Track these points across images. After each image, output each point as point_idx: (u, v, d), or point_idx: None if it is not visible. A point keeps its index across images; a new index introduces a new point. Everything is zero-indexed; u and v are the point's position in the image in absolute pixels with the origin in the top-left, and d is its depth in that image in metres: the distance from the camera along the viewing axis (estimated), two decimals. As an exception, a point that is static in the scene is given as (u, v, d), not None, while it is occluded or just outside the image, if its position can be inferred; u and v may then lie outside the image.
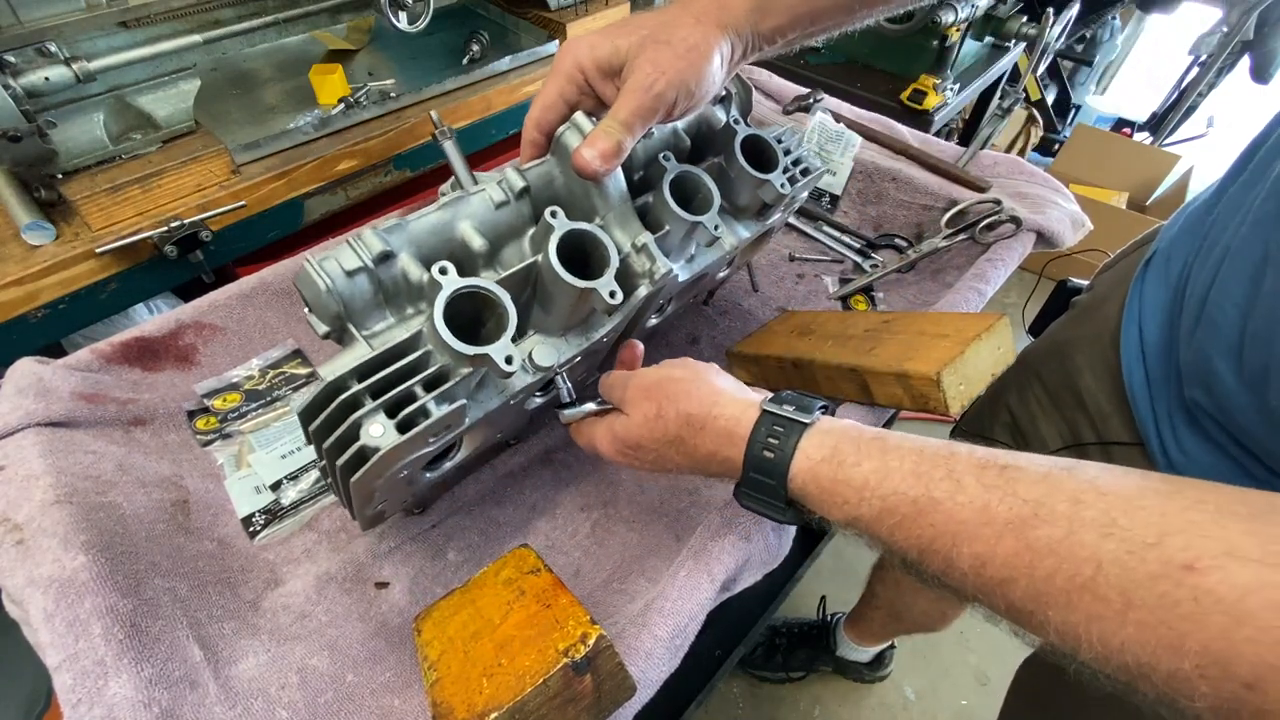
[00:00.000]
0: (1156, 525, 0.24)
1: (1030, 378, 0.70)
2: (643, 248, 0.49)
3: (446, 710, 0.38)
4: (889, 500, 0.32)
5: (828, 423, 0.37)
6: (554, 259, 0.42)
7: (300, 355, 0.70)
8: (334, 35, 1.19)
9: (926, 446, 0.33)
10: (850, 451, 0.34)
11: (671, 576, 0.45)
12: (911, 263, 0.79)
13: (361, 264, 0.39)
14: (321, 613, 0.51)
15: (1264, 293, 0.43)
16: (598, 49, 0.44)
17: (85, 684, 0.38)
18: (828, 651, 1.31)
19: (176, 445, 0.61)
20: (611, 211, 0.48)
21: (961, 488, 0.30)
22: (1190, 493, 0.25)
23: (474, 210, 0.45)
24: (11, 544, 0.44)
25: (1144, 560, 0.24)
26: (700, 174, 0.52)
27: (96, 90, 0.87)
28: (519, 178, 0.47)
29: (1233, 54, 2.21)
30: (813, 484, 0.35)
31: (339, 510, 0.58)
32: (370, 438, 0.37)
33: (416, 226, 0.43)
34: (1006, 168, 0.87)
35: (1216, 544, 0.23)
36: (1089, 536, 0.25)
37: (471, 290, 0.40)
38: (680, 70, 0.43)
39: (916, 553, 0.31)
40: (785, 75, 1.07)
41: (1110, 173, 2.29)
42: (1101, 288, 0.67)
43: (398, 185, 1.06)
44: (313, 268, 0.38)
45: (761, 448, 0.37)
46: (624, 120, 0.43)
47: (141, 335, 0.63)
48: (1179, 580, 0.23)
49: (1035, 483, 0.28)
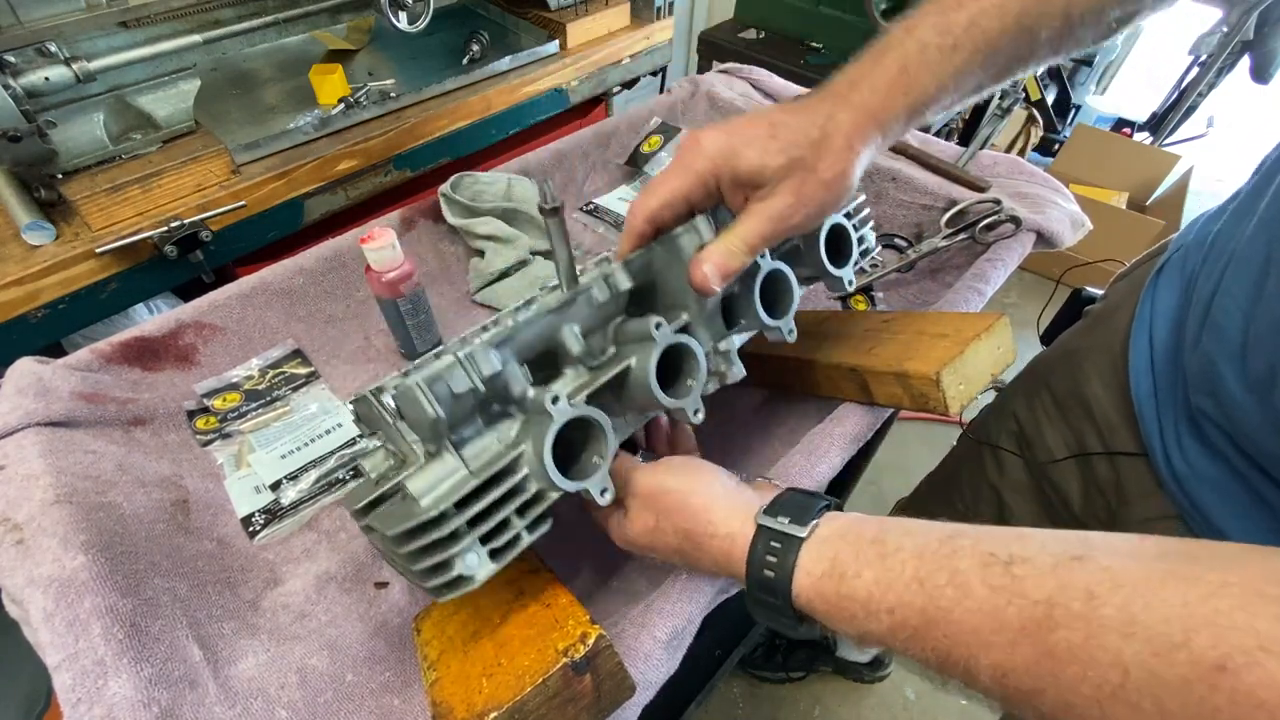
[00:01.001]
0: (1181, 621, 0.22)
1: (1039, 386, 0.70)
2: (725, 353, 0.47)
3: (446, 710, 0.38)
4: (896, 614, 0.30)
5: (825, 528, 0.35)
6: (652, 377, 0.41)
7: (300, 355, 0.70)
8: (334, 35, 1.19)
9: (927, 546, 0.31)
10: (850, 560, 0.33)
11: (673, 578, 0.45)
12: (911, 262, 0.79)
13: (472, 386, 0.36)
14: (321, 612, 0.51)
15: (1267, 295, 0.42)
16: (741, 162, 0.39)
17: (85, 683, 0.38)
18: (827, 652, 1.31)
19: (176, 445, 0.61)
20: (702, 312, 0.46)
21: (968, 593, 0.28)
22: (1214, 575, 0.23)
23: (578, 312, 0.43)
24: (11, 543, 0.44)
25: (1172, 663, 0.22)
26: (789, 276, 0.48)
27: (96, 90, 0.87)
28: (625, 279, 0.43)
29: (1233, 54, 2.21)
30: (819, 601, 0.34)
31: (339, 510, 0.58)
32: (466, 568, 0.36)
33: (524, 336, 0.40)
34: (1006, 167, 0.87)
35: (1247, 637, 0.21)
36: (1110, 640, 0.23)
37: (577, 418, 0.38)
38: (821, 201, 0.40)
39: (937, 663, 0.29)
40: (785, 75, 1.07)
41: (1110, 173, 2.29)
42: (1114, 296, 0.67)
43: (398, 185, 1.06)
44: (422, 392, 0.35)
45: (761, 568, 0.35)
46: (750, 243, 0.40)
47: (141, 335, 0.63)
48: (1213, 684, 0.21)
49: (1044, 579, 0.26)
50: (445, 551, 0.35)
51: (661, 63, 1.42)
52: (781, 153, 0.38)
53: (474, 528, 0.36)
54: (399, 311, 0.67)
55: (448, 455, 0.38)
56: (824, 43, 1.52)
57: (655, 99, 1.03)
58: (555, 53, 1.21)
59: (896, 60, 0.39)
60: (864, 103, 0.39)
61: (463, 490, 0.36)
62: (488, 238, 0.79)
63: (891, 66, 0.39)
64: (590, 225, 0.91)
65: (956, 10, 0.40)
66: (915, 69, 0.39)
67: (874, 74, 0.39)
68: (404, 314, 0.67)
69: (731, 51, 1.57)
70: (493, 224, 0.79)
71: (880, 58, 0.40)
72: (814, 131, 0.38)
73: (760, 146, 0.39)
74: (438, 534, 0.35)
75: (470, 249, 0.82)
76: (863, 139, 0.39)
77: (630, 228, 0.43)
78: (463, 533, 0.36)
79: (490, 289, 0.78)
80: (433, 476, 0.37)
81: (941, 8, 0.40)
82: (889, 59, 0.39)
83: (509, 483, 0.37)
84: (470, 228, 0.79)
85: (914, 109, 0.40)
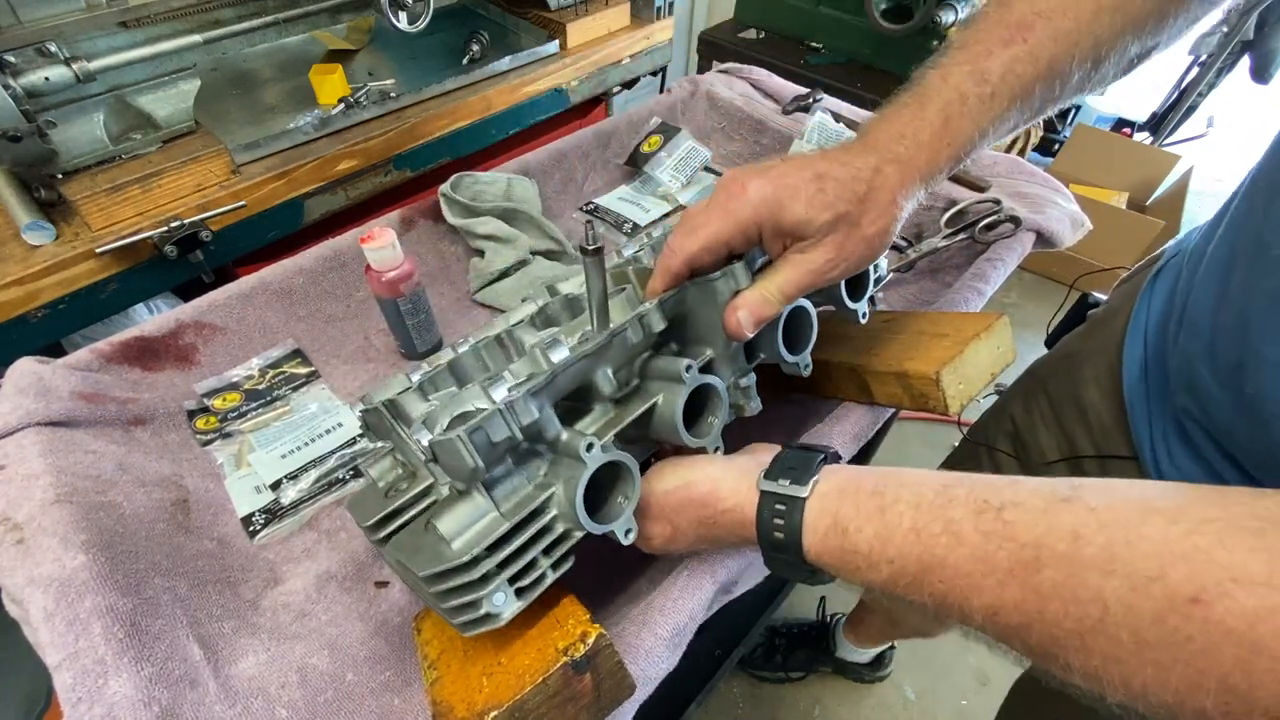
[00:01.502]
0: (1158, 556, 0.23)
1: (1037, 389, 0.70)
2: (745, 388, 0.48)
3: (446, 709, 0.38)
4: (896, 563, 0.31)
5: (825, 484, 0.36)
6: (679, 418, 0.41)
7: (300, 355, 0.70)
8: (334, 35, 1.19)
9: (923, 497, 0.32)
10: (851, 515, 0.34)
11: (674, 577, 0.45)
12: (911, 262, 0.79)
13: (510, 434, 0.36)
14: (321, 612, 0.51)
15: (1232, 288, 0.43)
16: (786, 215, 0.39)
17: (85, 683, 0.38)
18: (827, 652, 1.31)
19: (176, 445, 0.61)
20: (727, 349, 0.46)
21: (961, 540, 0.29)
22: (1197, 510, 0.24)
23: (612, 354, 0.43)
24: (12, 543, 0.44)
25: (1149, 596, 0.23)
26: (812, 314, 0.49)
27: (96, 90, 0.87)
28: (660, 320, 0.43)
29: (1233, 54, 2.21)
30: (826, 555, 0.35)
31: (339, 509, 0.58)
32: (493, 607, 0.37)
33: (560, 381, 0.40)
34: (1006, 167, 0.87)
35: (1221, 570, 0.22)
36: (1091, 576, 0.24)
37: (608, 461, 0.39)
38: (861, 255, 0.39)
39: (934, 607, 0.31)
40: (785, 75, 1.07)
41: (1110, 173, 2.29)
42: (1115, 300, 0.67)
43: (398, 185, 1.06)
44: (463, 444, 0.35)
45: (770, 530, 0.37)
46: (787, 293, 0.40)
47: (141, 335, 0.63)
48: (1186, 614, 0.22)
49: (1034, 523, 0.27)
50: (475, 593, 0.36)
51: (661, 63, 1.42)
52: (828, 208, 0.38)
53: (503, 569, 0.37)
54: (399, 311, 0.67)
55: (478, 495, 0.38)
56: (824, 43, 1.52)
57: (655, 99, 1.03)
58: (555, 53, 1.21)
59: (939, 111, 0.39)
60: (911, 158, 0.39)
61: (495, 534, 0.37)
62: (488, 237, 0.79)
63: (935, 119, 0.39)
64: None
65: (988, 58, 0.39)
66: (957, 119, 0.39)
67: (918, 126, 0.39)
68: (404, 314, 0.67)
69: (731, 51, 1.57)
70: (493, 224, 0.79)
71: (922, 109, 0.40)
72: (860, 187, 0.38)
73: (806, 200, 0.38)
74: (469, 577, 0.36)
75: (470, 249, 0.82)
76: (907, 194, 0.39)
77: (667, 267, 0.42)
78: (493, 575, 0.37)
79: (490, 289, 0.78)
80: (464, 517, 0.38)
81: (972, 55, 0.40)
82: (931, 110, 0.39)
83: (538, 524, 0.38)
84: (470, 227, 0.79)
85: (956, 159, 0.40)
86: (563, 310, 0.53)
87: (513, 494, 0.40)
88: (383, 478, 0.44)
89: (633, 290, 0.49)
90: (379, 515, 0.41)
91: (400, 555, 0.38)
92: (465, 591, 0.36)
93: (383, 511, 0.41)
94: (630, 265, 0.52)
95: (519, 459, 0.40)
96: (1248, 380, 0.41)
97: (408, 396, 0.44)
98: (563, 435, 0.40)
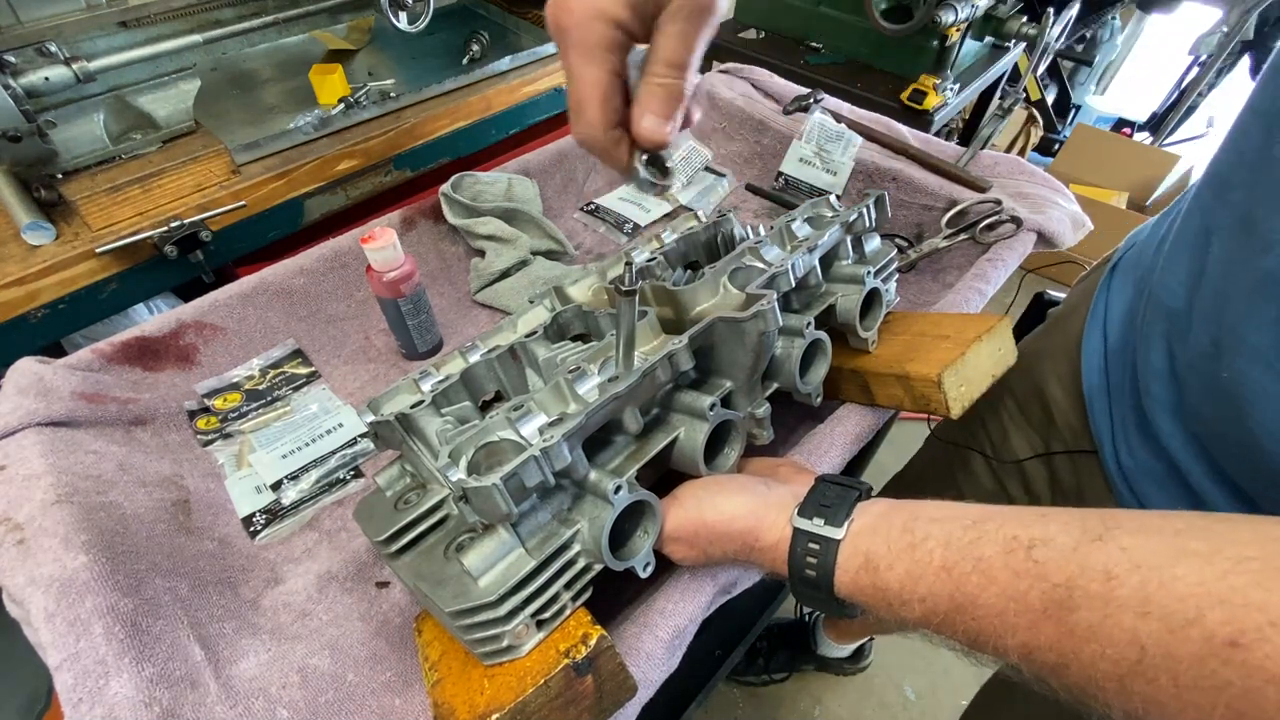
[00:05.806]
0: (1194, 599, 0.23)
1: (1002, 389, 0.70)
2: (761, 419, 0.49)
3: (448, 711, 0.38)
4: (927, 602, 0.31)
5: (859, 522, 0.36)
6: (700, 454, 0.43)
7: (301, 355, 0.70)
8: (334, 35, 1.19)
9: (953, 534, 0.32)
10: (883, 553, 0.34)
11: (675, 578, 0.45)
12: (912, 263, 0.79)
13: (543, 478, 0.37)
14: (322, 612, 0.51)
15: (1210, 264, 0.42)
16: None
17: (86, 683, 0.38)
18: (808, 650, 1.32)
19: (177, 445, 0.61)
20: (746, 381, 0.47)
21: (992, 579, 0.29)
22: (1233, 550, 0.23)
23: (640, 394, 0.43)
24: (12, 543, 0.44)
25: (1187, 639, 0.23)
26: (827, 344, 0.50)
27: (96, 90, 0.87)
28: (688, 359, 0.44)
29: (1233, 54, 2.21)
30: (858, 594, 0.35)
31: (339, 510, 0.58)
32: (515, 639, 0.38)
33: (591, 422, 0.40)
34: (1007, 168, 0.87)
35: (1259, 613, 0.21)
36: (1127, 619, 0.24)
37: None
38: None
39: (968, 643, 0.31)
40: (785, 75, 1.07)
41: (1110, 173, 2.29)
42: (1073, 298, 0.67)
43: (398, 185, 1.06)
44: (499, 491, 0.35)
45: (802, 566, 0.37)
46: (670, 60, 0.33)
47: (142, 335, 0.63)
48: (1226, 658, 0.22)
49: (1065, 561, 0.27)
50: (500, 628, 0.37)
51: (662, 62, 1.41)
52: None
53: (526, 604, 0.38)
54: (400, 311, 0.67)
55: (504, 531, 0.39)
56: (824, 43, 1.52)
57: (656, 99, 1.03)
58: (555, 52, 1.21)
59: None
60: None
61: (521, 572, 0.37)
62: (488, 238, 0.79)
63: None
64: (591, 225, 0.91)
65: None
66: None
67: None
68: (405, 314, 0.67)
69: (731, 51, 1.57)
70: (493, 224, 0.79)
71: None
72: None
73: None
74: (495, 614, 0.36)
75: (471, 249, 0.82)
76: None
77: (600, 150, 0.36)
78: (518, 611, 0.37)
79: (491, 289, 0.78)
80: (490, 554, 0.38)
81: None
82: None
83: (562, 559, 0.39)
84: (471, 228, 0.79)
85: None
86: (575, 319, 0.53)
87: (538, 530, 0.40)
88: (390, 487, 0.45)
89: (653, 315, 0.49)
90: (391, 530, 0.41)
91: (423, 585, 0.39)
92: (491, 626, 0.37)
93: (395, 526, 0.41)
94: (646, 280, 0.52)
95: (544, 494, 0.41)
96: (1224, 363, 0.40)
97: (421, 410, 0.44)
98: (590, 475, 0.41)
